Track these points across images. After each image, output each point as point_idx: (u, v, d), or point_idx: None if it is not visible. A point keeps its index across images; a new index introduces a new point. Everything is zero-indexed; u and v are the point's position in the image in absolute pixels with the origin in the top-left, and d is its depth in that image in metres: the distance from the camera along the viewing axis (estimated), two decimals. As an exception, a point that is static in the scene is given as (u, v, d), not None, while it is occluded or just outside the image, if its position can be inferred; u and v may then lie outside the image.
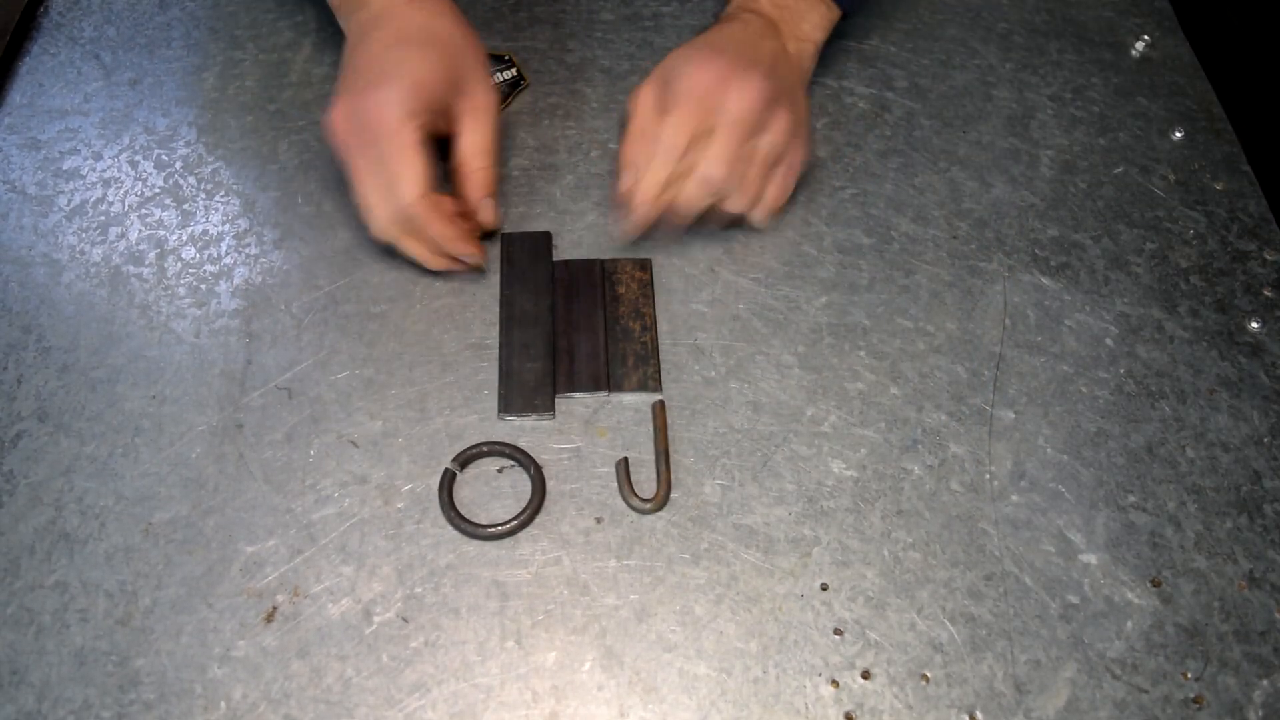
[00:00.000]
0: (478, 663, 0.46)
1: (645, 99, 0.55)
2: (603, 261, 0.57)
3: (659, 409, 0.52)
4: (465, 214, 0.56)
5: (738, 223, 0.58)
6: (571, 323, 0.55)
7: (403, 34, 0.52)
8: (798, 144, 0.56)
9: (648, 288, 0.56)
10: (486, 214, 0.56)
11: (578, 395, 0.53)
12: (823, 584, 0.48)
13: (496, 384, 0.53)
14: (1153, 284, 0.58)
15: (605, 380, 0.53)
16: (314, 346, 0.55)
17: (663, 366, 0.54)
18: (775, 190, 0.56)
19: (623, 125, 0.57)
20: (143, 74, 0.66)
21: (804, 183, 0.61)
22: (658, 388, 0.53)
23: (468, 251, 0.55)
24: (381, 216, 0.52)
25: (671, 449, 0.51)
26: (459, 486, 0.50)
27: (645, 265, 0.57)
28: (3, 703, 0.44)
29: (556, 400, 0.53)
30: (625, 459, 0.50)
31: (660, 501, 0.49)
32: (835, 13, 0.60)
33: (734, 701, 0.45)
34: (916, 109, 0.65)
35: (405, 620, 0.47)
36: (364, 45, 0.53)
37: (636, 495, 0.50)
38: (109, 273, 0.57)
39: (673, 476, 0.50)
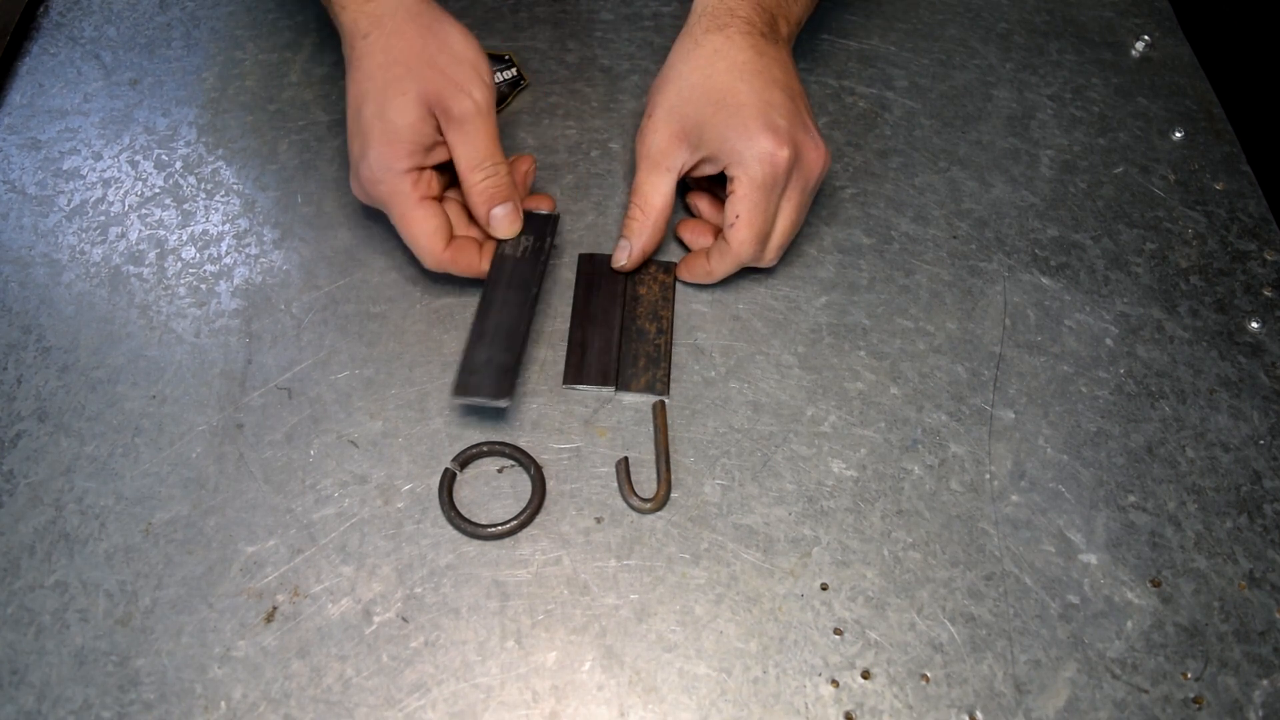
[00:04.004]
0: (478, 663, 0.46)
1: (668, 152, 0.52)
2: None
3: (659, 409, 0.52)
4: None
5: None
6: (588, 316, 0.55)
7: (373, 81, 0.50)
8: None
9: (669, 291, 0.56)
10: (498, 227, 0.53)
11: (584, 390, 0.53)
12: (823, 584, 0.48)
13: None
14: (1153, 284, 0.58)
15: (614, 377, 0.53)
16: (314, 346, 0.55)
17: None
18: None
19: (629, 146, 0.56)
20: (143, 74, 0.66)
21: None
22: (665, 391, 0.53)
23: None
24: (425, 264, 0.53)
25: (671, 449, 0.51)
26: (459, 486, 0.50)
27: (669, 268, 0.57)
28: (3, 703, 0.44)
29: (563, 391, 0.53)
30: (625, 459, 0.50)
31: (660, 501, 0.49)
32: None
33: (734, 701, 0.45)
34: (916, 109, 0.65)
35: (405, 620, 0.47)
36: (350, 99, 0.52)
37: (636, 495, 0.50)
38: (109, 273, 0.57)
39: (673, 476, 0.50)
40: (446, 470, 0.50)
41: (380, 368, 0.54)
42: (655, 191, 0.53)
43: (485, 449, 0.51)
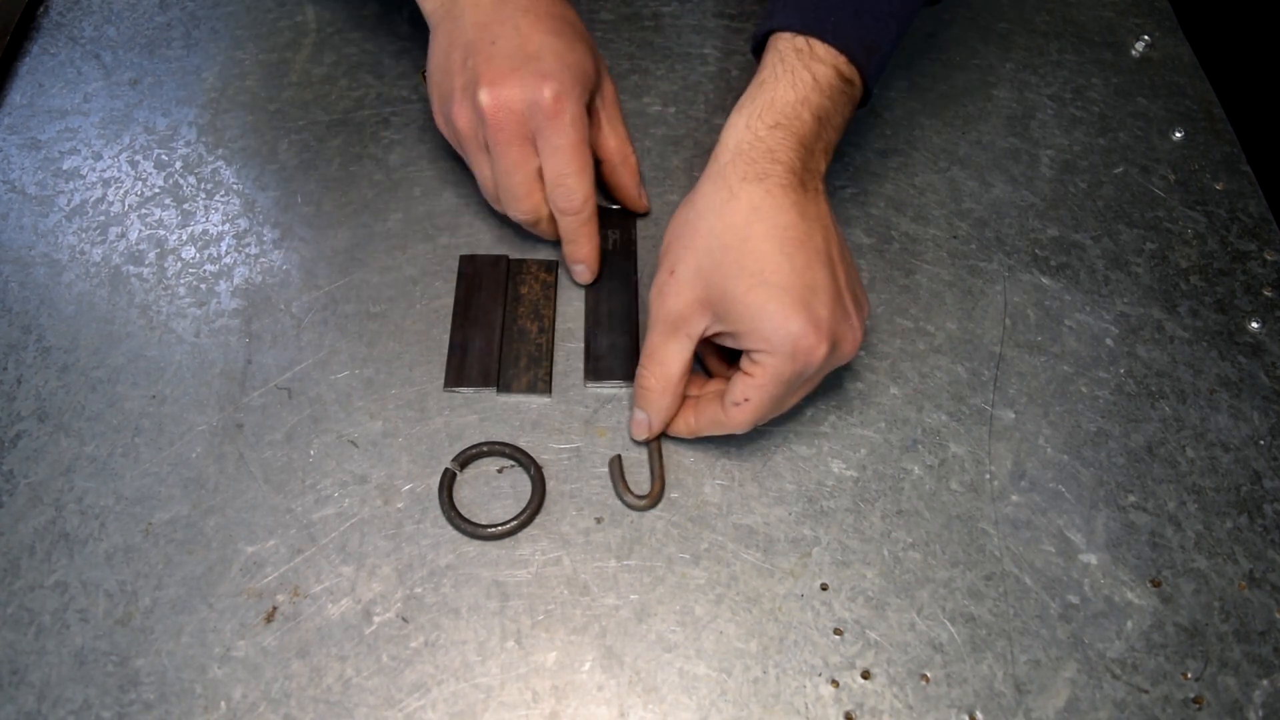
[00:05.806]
0: (478, 663, 0.46)
1: (689, 318, 0.46)
2: (509, 259, 0.57)
3: (659, 409, 0.52)
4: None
5: None
6: (469, 317, 0.55)
7: (547, 20, 0.50)
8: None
9: (550, 289, 0.56)
10: (645, 200, 0.58)
11: (464, 392, 0.53)
12: (823, 584, 0.48)
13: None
14: (1153, 284, 0.58)
15: (496, 378, 0.53)
16: (314, 346, 0.55)
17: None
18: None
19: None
20: (143, 74, 0.66)
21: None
22: (547, 390, 0.53)
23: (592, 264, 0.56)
24: (526, 205, 0.52)
25: (671, 449, 0.51)
26: (459, 486, 0.50)
27: (551, 268, 0.57)
28: (3, 703, 0.44)
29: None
30: (619, 456, 0.50)
31: (655, 498, 0.49)
32: (857, 98, 0.50)
33: (734, 701, 0.45)
34: (916, 109, 0.65)
35: (405, 620, 0.47)
36: (502, 28, 0.48)
37: (631, 492, 0.50)
38: (109, 273, 0.57)
39: (673, 477, 0.50)
40: (446, 470, 0.50)
41: (380, 368, 0.54)
42: (674, 359, 0.48)
43: (485, 449, 0.51)
